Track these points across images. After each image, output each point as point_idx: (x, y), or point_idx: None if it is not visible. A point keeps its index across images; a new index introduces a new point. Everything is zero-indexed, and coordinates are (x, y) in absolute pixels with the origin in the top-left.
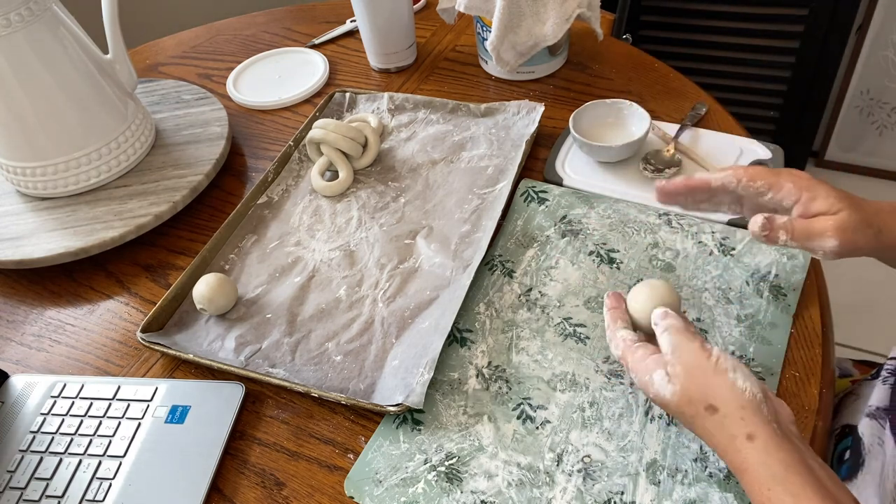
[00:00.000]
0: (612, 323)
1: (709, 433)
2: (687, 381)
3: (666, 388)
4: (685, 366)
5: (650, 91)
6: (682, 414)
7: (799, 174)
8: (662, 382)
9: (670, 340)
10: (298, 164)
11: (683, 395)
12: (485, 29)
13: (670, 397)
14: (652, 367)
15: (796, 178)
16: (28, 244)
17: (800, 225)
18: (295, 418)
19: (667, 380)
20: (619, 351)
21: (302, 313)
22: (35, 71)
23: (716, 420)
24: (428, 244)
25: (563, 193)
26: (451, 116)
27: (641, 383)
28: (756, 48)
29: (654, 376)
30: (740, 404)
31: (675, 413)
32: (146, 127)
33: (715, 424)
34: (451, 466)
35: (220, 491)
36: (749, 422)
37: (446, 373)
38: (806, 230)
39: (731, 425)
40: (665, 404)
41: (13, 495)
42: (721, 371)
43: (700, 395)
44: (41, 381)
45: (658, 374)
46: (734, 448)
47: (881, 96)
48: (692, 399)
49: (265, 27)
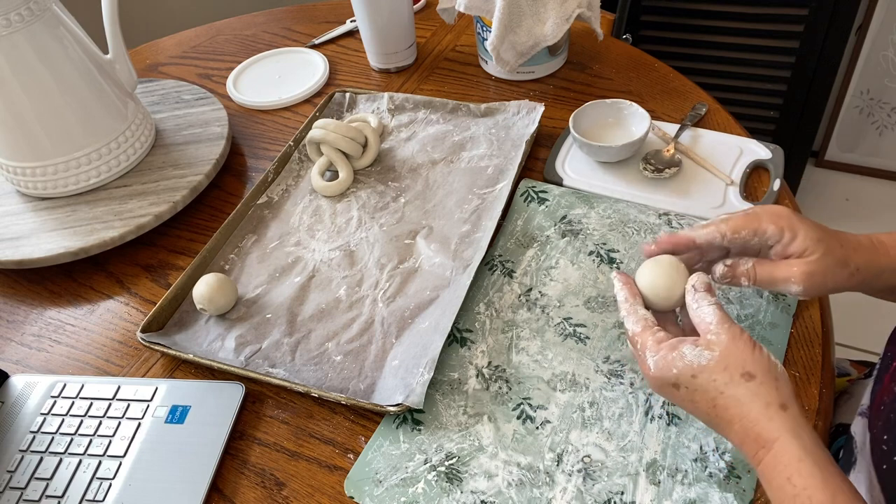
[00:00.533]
0: (630, 298)
1: (739, 402)
2: (727, 348)
3: (702, 354)
4: (729, 335)
5: (650, 91)
6: (712, 382)
7: (779, 213)
8: (697, 351)
9: (716, 313)
10: (298, 164)
11: (721, 360)
12: (485, 29)
13: (706, 363)
14: (677, 344)
15: (776, 218)
16: (28, 244)
17: (763, 271)
18: (295, 418)
19: (702, 348)
20: (637, 328)
21: (302, 313)
22: (35, 71)
23: (751, 387)
24: (428, 244)
25: (563, 193)
26: (451, 116)
27: (664, 362)
28: (756, 48)
29: (685, 349)
30: (775, 375)
31: (701, 385)
32: (146, 127)
33: (749, 392)
34: (451, 466)
35: (220, 491)
36: (783, 392)
37: (446, 373)
38: (770, 276)
39: (766, 393)
40: (694, 374)
41: (13, 495)
42: (759, 347)
43: (738, 362)
44: (41, 381)
45: (688, 347)
46: (767, 416)
47: (881, 96)
48: (728, 365)
49: (265, 27)
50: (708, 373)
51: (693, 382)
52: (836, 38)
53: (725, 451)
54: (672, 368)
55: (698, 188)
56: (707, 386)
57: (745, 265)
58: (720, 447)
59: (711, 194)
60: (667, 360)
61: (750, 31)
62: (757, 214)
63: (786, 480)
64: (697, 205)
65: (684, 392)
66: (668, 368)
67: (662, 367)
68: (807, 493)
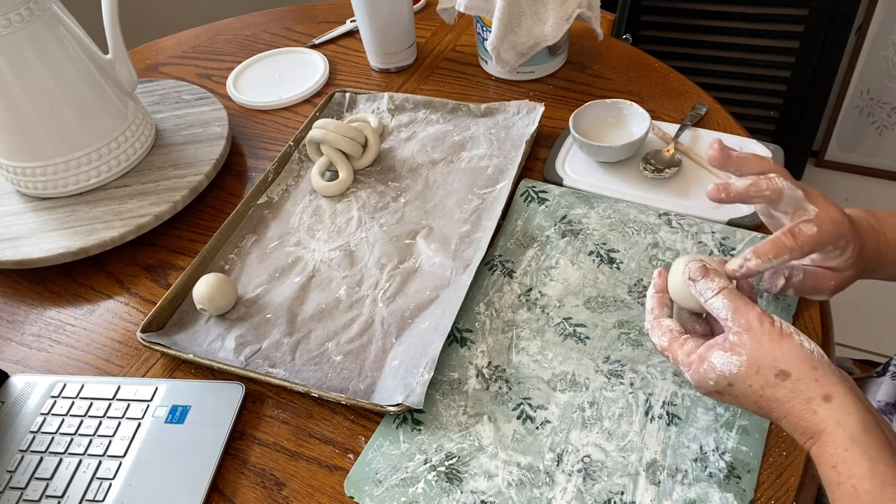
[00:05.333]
0: (656, 308)
1: (779, 402)
2: (754, 349)
3: (731, 361)
4: (751, 332)
5: (650, 91)
6: (749, 388)
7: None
8: (725, 358)
9: (726, 304)
10: (298, 164)
11: (751, 364)
12: (485, 29)
13: (737, 370)
14: (705, 353)
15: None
16: (28, 244)
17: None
18: (295, 418)
19: (729, 353)
20: (664, 341)
21: (302, 313)
22: (35, 71)
23: (787, 386)
24: (428, 244)
25: (563, 193)
26: (451, 116)
27: (698, 375)
28: (756, 48)
29: (714, 359)
30: (812, 366)
31: (740, 391)
32: (146, 127)
33: (787, 391)
34: (451, 466)
35: (220, 491)
36: (823, 382)
37: (446, 373)
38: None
39: (805, 389)
40: (730, 383)
41: (13, 495)
42: (787, 335)
43: (769, 361)
44: (41, 381)
45: (716, 354)
46: (810, 410)
47: (881, 96)
48: (761, 367)
49: (265, 27)
50: (741, 380)
51: (731, 390)
52: (836, 38)
53: (725, 451)
54: (708, 381)
55: (698, 188)
56: (745, 392)
57: (797, 277)
58: (720, 447)
59: None
60: (699, 373)
61: (750, 31)
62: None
63: (831, 469)
64: (697, 205)
65: (728, 397)
66: (704, 380)
67: (699, 381)
68: (851, 482)
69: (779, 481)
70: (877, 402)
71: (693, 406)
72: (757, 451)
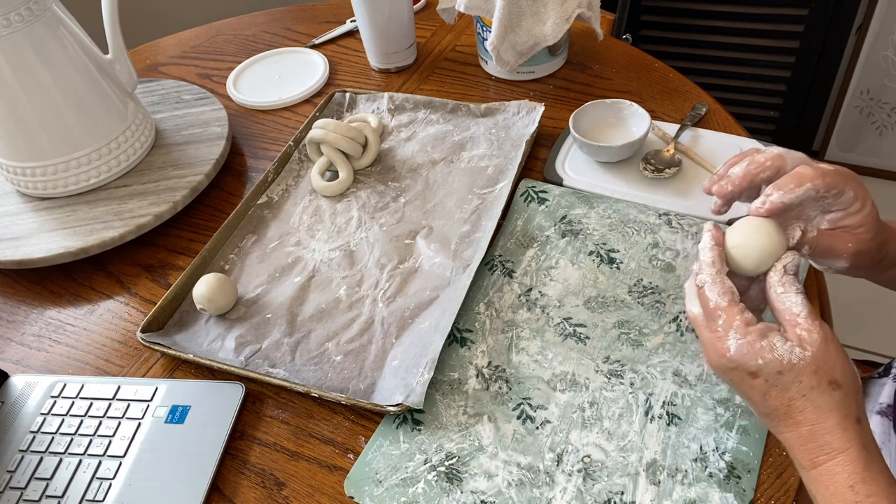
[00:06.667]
0: (718, 262)
1: (819, 409)
2: (821, 351)
3: (795, 352)
4: (822, 335)
5: (650, 91)
6: (799, 383)
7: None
8: (789, 347)
9: (805, 304)
10: (298, 164)
11: (813, 363)
12: (485, 29)
13: (797, 363)
14: (766, 331)
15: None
16: (28, 244)
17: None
18: (295, 418)
19: (793, 344)
20: (723, 301)
21: (302, 313)
22: (35, 71)
23: (836, 397)
24: (428, 244)
25: (563, 193)
26: (451, 116)
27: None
28: (756, 48)
29: (775, 340)
30: (856, 387)
31: (786, 382)
32: (146, 127)
33: (833, 401)
34: (451, 466)
35: (220, 491)
36: (861, 405)
37: (446, 373)
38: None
39: (848, 405)
40: (780, 371)
41: (13, 495)
42: (846, 355)
43: (829, 367)
44: (41, 381)
45: (777, 338)
46: (843, 427)
47: (881, 96)
48: (819, 369)
49: (265, 27)
50: (796, 373)
51: (776, 378)
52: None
53: (725, 451)
54: (758, 358)
55: (698, 188)
56: (790, 385)
57: (812, 233)
58: (720, 447)
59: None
60: (754, 347)
61: (750, 31)
62: (844, 174)
63: (848, 488)
64: (697, 205)
65: (760, 383)
66: (753, 356)
67: (747, 354)
68: (870, 501)
69: (779, 481)
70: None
71: (693, 406)
72: (757, 451)
